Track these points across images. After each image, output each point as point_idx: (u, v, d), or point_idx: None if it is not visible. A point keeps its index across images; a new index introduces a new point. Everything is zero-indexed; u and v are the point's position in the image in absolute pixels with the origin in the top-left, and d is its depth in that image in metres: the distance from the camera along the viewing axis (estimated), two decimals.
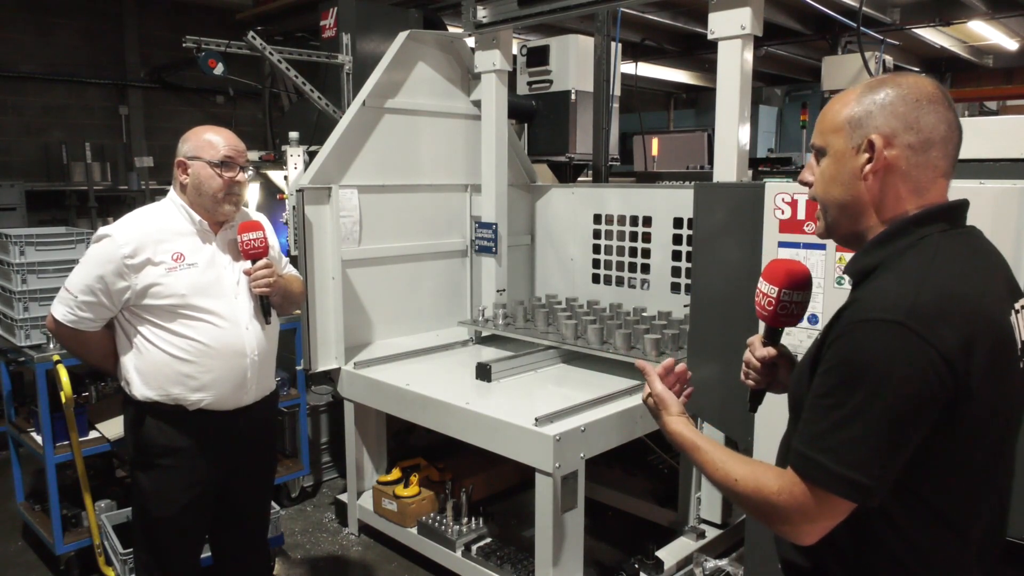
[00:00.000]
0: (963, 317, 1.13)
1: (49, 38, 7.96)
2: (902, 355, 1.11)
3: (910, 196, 1.25)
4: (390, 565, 3.54)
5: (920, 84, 1.25)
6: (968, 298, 1.16)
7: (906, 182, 1.24)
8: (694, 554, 3.09)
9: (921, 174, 1.24)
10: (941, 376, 1.11)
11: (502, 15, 3.68)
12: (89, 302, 2.21)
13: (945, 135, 1.24)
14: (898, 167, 1.24)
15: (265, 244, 2.35)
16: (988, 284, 1.21)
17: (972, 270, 1.21)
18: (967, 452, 1.18)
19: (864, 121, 1.25)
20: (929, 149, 1.23)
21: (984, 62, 11.00)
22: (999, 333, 1.17)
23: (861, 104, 1.26)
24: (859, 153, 1.25)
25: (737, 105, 2.89)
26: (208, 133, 2.30)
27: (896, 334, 1.12)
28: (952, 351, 1.11)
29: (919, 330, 1.11)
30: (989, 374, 1.14)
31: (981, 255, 1.27)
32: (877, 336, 1.13)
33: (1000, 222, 2.10)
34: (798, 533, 1.20)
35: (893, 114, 1.23)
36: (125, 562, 3.08)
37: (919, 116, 1.22)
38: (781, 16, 7.73)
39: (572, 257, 4.29)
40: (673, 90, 12.87)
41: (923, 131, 1.22)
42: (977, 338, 1.13)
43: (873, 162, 1.24)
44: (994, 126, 2.20)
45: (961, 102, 8.62)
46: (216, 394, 2.27)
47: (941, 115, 1.23)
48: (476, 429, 2.92)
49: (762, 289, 1.51)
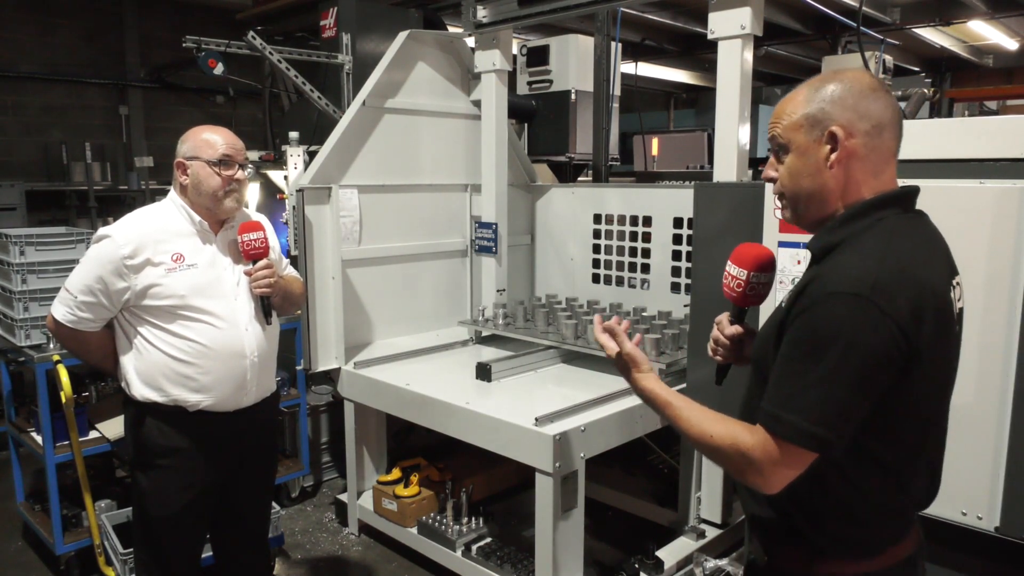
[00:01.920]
0: (915, 290, 1.27)
1: (49, 38, 7.96)
2: (866, 325, 1.25)
3: (868, 179, 1.38)
4: (390, 565, 3.54)
5: (859, 76, 1.39)
6: (918, 274, 1.29)
7: (865, 166, 1.38)
8: (694, 554, 3.09)
9: (877, 157, 1.38)
10: (898, 343, 1.25)
11: (502, 15, 3.68)
12: (89, 302, 2.20)
13: (892, 118, 1.38)
14: (858, 153, 1.36)
15: (266, 245, 2.35)
16: (934, 261, 1.36)
17: (922, 249, 1.35)
18: (913, 410, 1.33)
19: (820, 116, 1.37)
20: (882, 132, 1.37)
21: (984, 62, 10.99)
22: (941, 304, 1.32)
23: (814, 101, 1.38)
24: (821, 145, 1.37)
25: (737, 105, 2.89)
26: (206, 132, 2.30)
27: (861, 306, 1.25)
28: (906, 321, 1.25)
29: (880, 303, 1.24)
30: (934, 339, 1.29)
31: (928, 237, 1.41)
32: (844, 308, 1.26)
33: (1000, 222, 2.10)
34: (768, 483, 1.34)
35: (844, 106, 1.36)
36: (125, 562, 3.08)
37: (868, 105, 1.36)
38: (781, 16, 7.73)
39: (572, 257, 4.29)
40: (673, 90, 12.86)
41: (874, 117, 1.36)
42: (925, 308, 1.28)
43: (838, 151, 1.36)
44: (994, 126, 2.20)
45: (961, 102, 8.63)
46: (216, 396, 2.27)
47: (885, 101, 1.37)
48: (476, 429, 2.92)
49: (731, 272, 1.63)
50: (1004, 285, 2.10)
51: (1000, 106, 9.54)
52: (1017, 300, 2.09)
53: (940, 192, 2.19)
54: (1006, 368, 2.11)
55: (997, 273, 2.11)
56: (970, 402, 2.16)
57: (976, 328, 2.15)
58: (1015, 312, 2.09)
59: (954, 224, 2.18)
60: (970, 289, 2.15)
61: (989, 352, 2.13)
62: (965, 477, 2.15)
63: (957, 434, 2.12)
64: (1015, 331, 2.09)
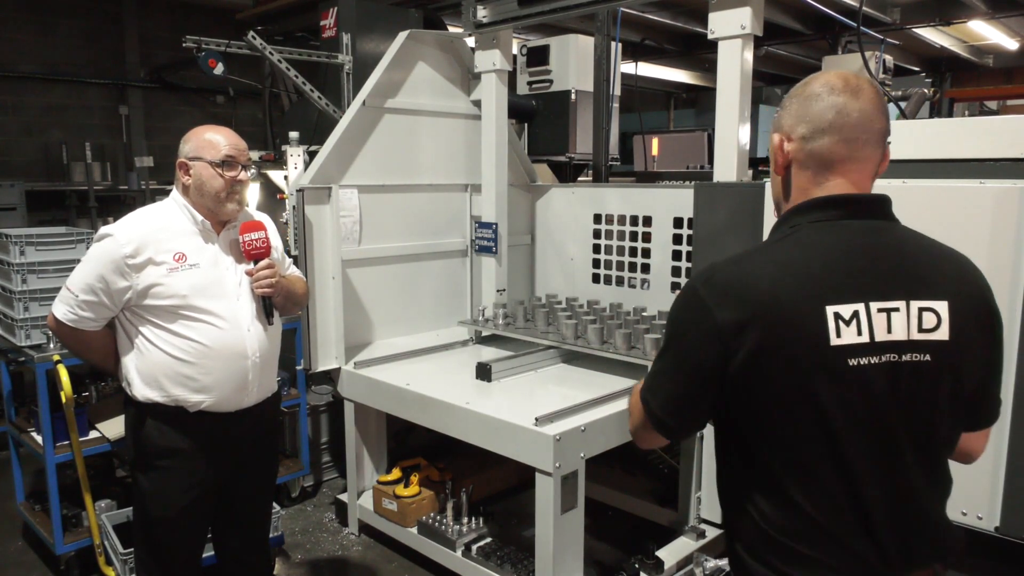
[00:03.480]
0: (744, 301, 1.23)
1: (49, 38, 7.96)
2: (690, 315, 1.29)
3: (809, 186, 1.32)
4: (390, 565, 3.55)
5: (824, 78, 1.31)
6: (758, 287, 1.23)
7: (804, 171, 1.33)
8: (694, 554, 3.09)
9: (816, 163, 1.30)
10: (715, 340, 1.24)
11: (502, 15, 3.68)
12: (90, 301, 2.20)
13: (833, 120, 1.27)
14: (796, 158, 1.33)
15: (267, 244, 2.34)
16: (798, 275, 1.24)
17: (789, 260, 1.26)
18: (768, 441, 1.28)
19: (775, 125, 1.37)
20: (820, 137, 1.29)
21: (984, 62, 10.99)
22: (786, 326, 1.21)
23: (780, 107, 1.37)
24: (776, 152, 1.36)
25: (737, 105, 2.89)
26: (209, 133, 2.29)
27: (690, 296, 1.29)
28: (726, 326, 1.22)
29: (704, 295, 1.26)
30: (764, 361, 1.21)
31: (832, 248, 1.26)
32: (681, 298, 1.33)
33: (1000, 222, 2.11)
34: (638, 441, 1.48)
35: (789, 111, 1.33)
36: (125, 562, 3.08)
37: (808, 108, 1.30)
38: (781, 16, 7.73)
39: (572, 257, 4.29)
40: (673, 90, 12.87)
41: (812, 120, 1.29)
42: (753, 324, 1.21)
43: (778, 158, 1.35)
44: (994, 126, 2.21)
45: (961, 102, 8.63)
46: (217, 396, 2.27)
47: (830, 102, 1.27)
48: (476, 429, 2.92)
49: None
50: (1004, 285, 2.11)
51: (1000, 106, 9.55)
52: (1017, 300, 2.09)
53: (940, 192, 2.19)
54: (1006, 368, 2.11)
55: (997, 273, 2.11)
56: None
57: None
58: (1015, 312, 2.09)
59: (954, 224, 2.19)
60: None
61: None
62: (965, 477, 2.15)
63: None
64: (1015, 331, 2.10)
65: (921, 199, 2.21)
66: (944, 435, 1.33)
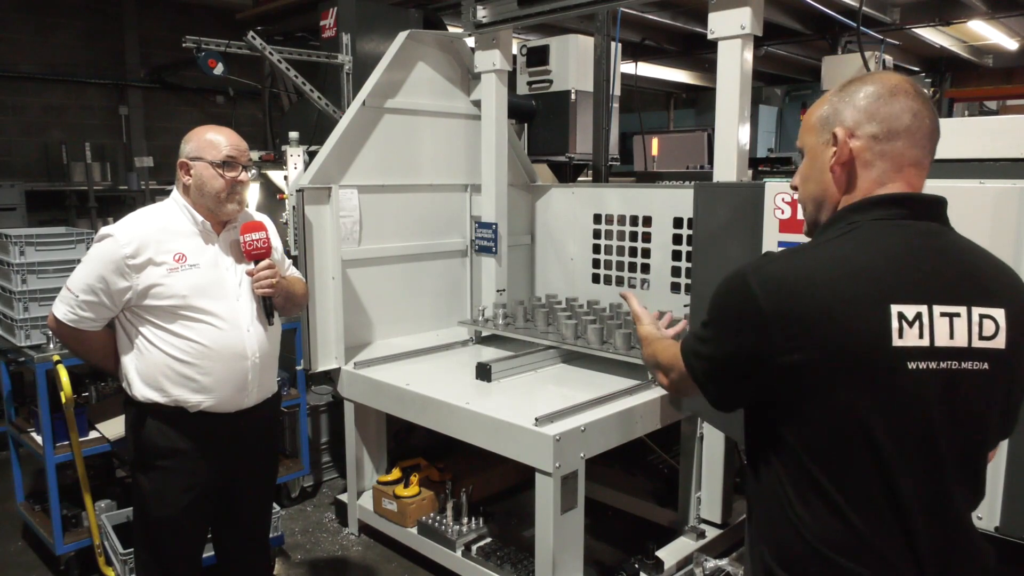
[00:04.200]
0: (797, 296, 1.18)
1: (49, 38, 7.96)
2: (735, 303, 1.26)
3: (873, 186, 1.28)
4: (390, 565, 3.55)
5: (886, 79, 1.29)
6: (815, 283, 1.19)
7: (869, 171, 1.28)
8: (694, 554, 3.09)
9: (886, 164, 1.27)
10: (756, 333, 1.21)
11: (502, 15, 3.68)
12: (90, 302, 2.20)
13: (910, 124, 1.26)
14: (862, 157, 1.28)
15: (268, 245, 2.34)
16: (862, 274, 1.20)
17: (853, 257, 1.22)
18: (810, 441, 1.22)
19: (831, 117, 1.31)
20: (893, 138, 1.26)
21: (984, 62, 11.00)
22: (844, 325, 1.17)
23: (831, 103, 1.32)
24: (827, 147, 1.31)
25: (737, 105, 2.89)
26: (210, 133, 2.29)
27: (740, 285, 1.25)
28: (772, 317, 1.19)
29: (753, 284, 1.22)
30: (817, 359, 1.17)
31: (897, 247, 1.24)
32: (729, 279, 1.28)
33: (1000, 222, 2.10)
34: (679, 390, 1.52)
35: (855, 107, 1.28)
36: (125, 562, 3.08)
37: (879, 107, 1.26)
38: (781, 16, 7.73)
39: (572, 257, 4.29)
40: (673, 90, 12.87)
41: (885, 121, 1.26)
42: (806, 321, 1.17)
43: (837, 152, 1.29)
44: (994, 126, 2.20)
45: (961, 102, 8.63)
46: (217, 396, 2.27)
47: (905, 105, 1.26)
48: (476, 429, 2.92)
49: None
50: None
51: (1000, 106, 9.55)
52: None
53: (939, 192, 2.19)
54: None
55: None
56: None
57: None
58: None
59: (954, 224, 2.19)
60: None
61: None
62: None
63: None
64: None
65: None
66: (989, 447, 1.31)
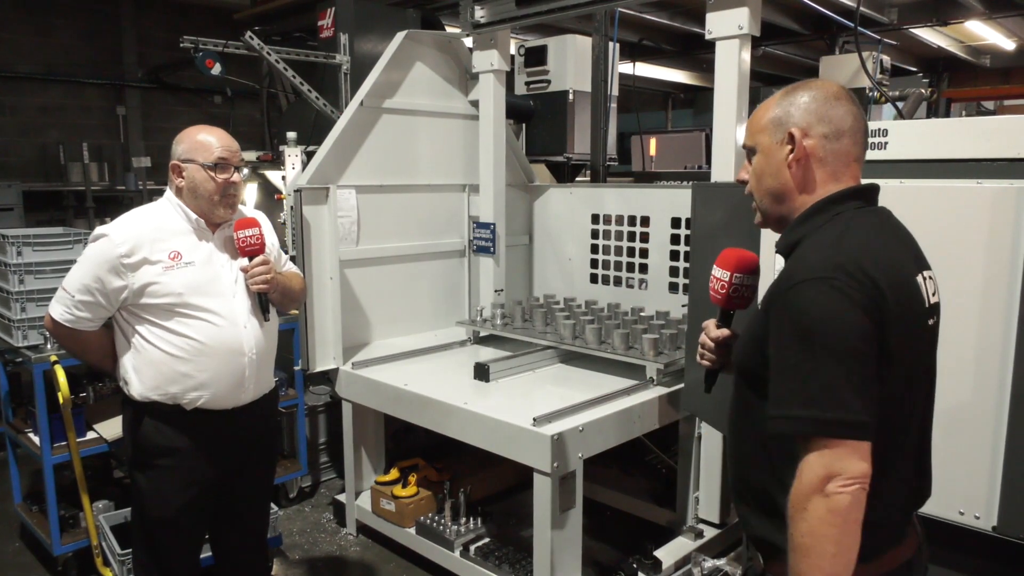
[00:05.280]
0: (874, 268, 1.31)
1: (46, 38, 7.95)
2: (836, 302, 1.29)
3: (828, 180, 1.46)
4: (388, 565, 3.54)
5: (827, 85, 1.48)
6: (876, 254, 1.34)
7: (823, 167, 1.45)
8: (692, 554, 3.10)
9: (836, 159, 1.45)
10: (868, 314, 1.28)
11: (500, 15, 3.68)
12: (87, 302, 2.20)
13: (852, 125, 1.45)
14: (815, 154, 1.45)
15: (261, 240, 2.34)
16: (892, 248, 1.41)
17: (878, 237, 1.41)
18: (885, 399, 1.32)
19: (783, 119, 1.46)
20: (840, 137, 1.44)
21: (981, 62, 11.01)
22: (904, 284, 1.36)
23: (780, 106, 1.48)
24: (783, 146, 1.46)
25: (735, 105, 2.90)
26: (201, 134, 2.29)
27: (826, 287, 1.30)
28: (869, 295, 1.29)
29: (840, 281, 1.29)
30: (900, 320, 1.32)
31: (888, 228, 1.46)
32: (810, 294, 1.31)
33: (997, 221, 2.11)
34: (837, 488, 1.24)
35: (807, 110, 1.45)
36: (123, 563, 3.08)
37: (828, 110, 1.44)
38: (779, 16, 7.74)
39: (570, 257, 4.29)
40: (671, 90, 12.87)
41: (833, 122, 1.44)
42: (887, 285, 1.31)
43: (795, 150, 1.45)
44: (991, 126, 2.21)
45: (959, 102, 8.64)
46: (213, 392, 2.27)
47: (847, 108, 1.45)
48: (474, 429, 2.92)
49: (715, 275, 1.67)
50: (1002, 285, 2.11)
51: (997, 106, 9.56)
52: (1014, 299, 2.09)
53: (938, 192, 2.20)
54: (1003, 367, 2.11)
55: (994, 273, 2.12)
56: (967, 401, 2.16)
57: (973, 328, 2.16)
58: (1012, 311, 2.10)
59: (951, 224, 2.19)
60: (967, 289, 2.16)
61: (986, 351, 2.14)
62: (963, 476, 2.15)
63: (955, 433, 2.13)
64: (1012, 330, 2.10)
65: (918, 199, 2.21)
66: None
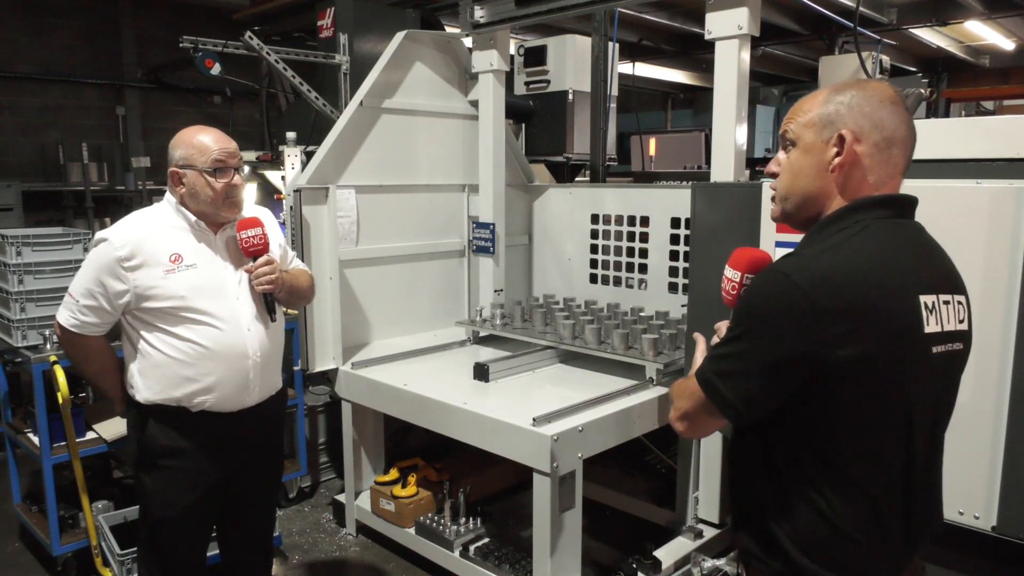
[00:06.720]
0: (845, 289, 1.24)
1: (46, 38, 7.95)
2: (782, 302, 1.26)
3: (867, 190, 1.36)
4: (388, 565, 3.54)
5: (883, 88, 1.38)
6: (860, 275, 1.26)
7: (867, 176, 1.36)
8: (692, 554, 3.09)
9: (882, 170, 1.36)
10: (811, 328, 1.23)
11: (499, 15, 3.68)
12: (91, 306, 2.20)
13: (905, 136, 1.37)
14: (862, 162, 1.35)
15: (265, 240, 2.31)
16: (894, 267, 1.31)
17: (883, 252, 1.31)
18: (854, 426, 1.30)
19: (834, 118, 1.36)
20: (891, 147, 1.35)
21: (981, 62, 11.03)
22: (893, 311, 1.28)
23: (832, 103, 1.37)
24: (828, 147, 1.36)
25: (734, 105, 2.90)
26: (197, 136, 2.26)
27: (782, 283, 1.27)
28: (826, 313, 1.23)
29: (800, 283, 1.24)
30: (872, 346, 1.24)
31: (906, 244, 1.35)
32: (766, 282, 1.31)
33: (997, 221, 2.11)
34: (690, 427, 1.45)
35: (861, 114, 1.34)
36: (123, 563, 3.08)
37: (883, 117, 1.34)
38: (778, 16, 7.75)
39: (570, 257, 4.29)
40: (670, 90, 12.88)
41: (887, 130, 1.34)
42: (856, 313, 1.24)
43: (842, 155, 1.35)
44: (991, 126, 2.21)
45: (958, 102, 8.65)
46: (218, 396, 2.26)
47: (902, 117, 1.36)
48: (474, 429, 2.92)
49: (727, 275, 1.60)
50: (1001, 285, 2.11)
51: (997, 106, 9.58)
52: (1014, 299, 2.10)
53: (937, 192, 2.20)
54: (1003, 367, 2.12)
55: (994, 273, 2.12)
56: (967, 401, 2.15)
57: (973, 328, 2.15)
58: (1011, 311, 2.10)
59: (951, 224, 2.19)
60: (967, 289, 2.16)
61: (986, 351, 2.13)
62: (962, 476, 2.15)
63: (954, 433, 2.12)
64: (1011, 330, 2.10)
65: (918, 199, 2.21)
66: None
